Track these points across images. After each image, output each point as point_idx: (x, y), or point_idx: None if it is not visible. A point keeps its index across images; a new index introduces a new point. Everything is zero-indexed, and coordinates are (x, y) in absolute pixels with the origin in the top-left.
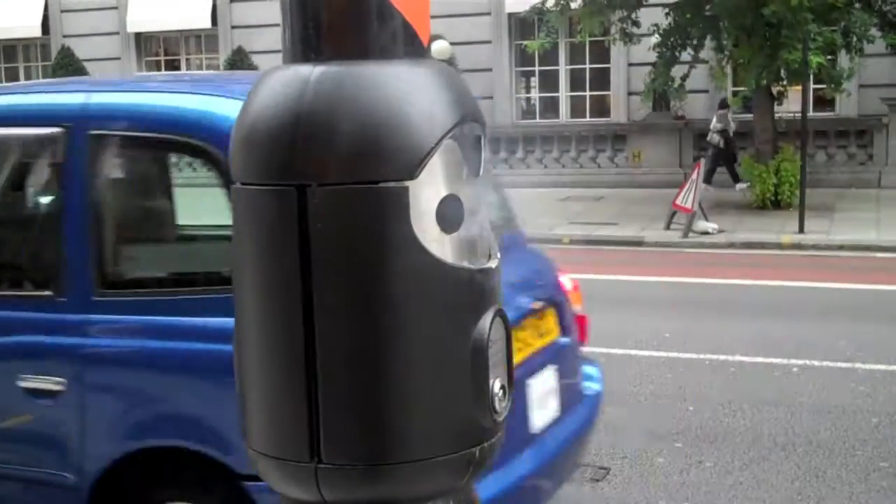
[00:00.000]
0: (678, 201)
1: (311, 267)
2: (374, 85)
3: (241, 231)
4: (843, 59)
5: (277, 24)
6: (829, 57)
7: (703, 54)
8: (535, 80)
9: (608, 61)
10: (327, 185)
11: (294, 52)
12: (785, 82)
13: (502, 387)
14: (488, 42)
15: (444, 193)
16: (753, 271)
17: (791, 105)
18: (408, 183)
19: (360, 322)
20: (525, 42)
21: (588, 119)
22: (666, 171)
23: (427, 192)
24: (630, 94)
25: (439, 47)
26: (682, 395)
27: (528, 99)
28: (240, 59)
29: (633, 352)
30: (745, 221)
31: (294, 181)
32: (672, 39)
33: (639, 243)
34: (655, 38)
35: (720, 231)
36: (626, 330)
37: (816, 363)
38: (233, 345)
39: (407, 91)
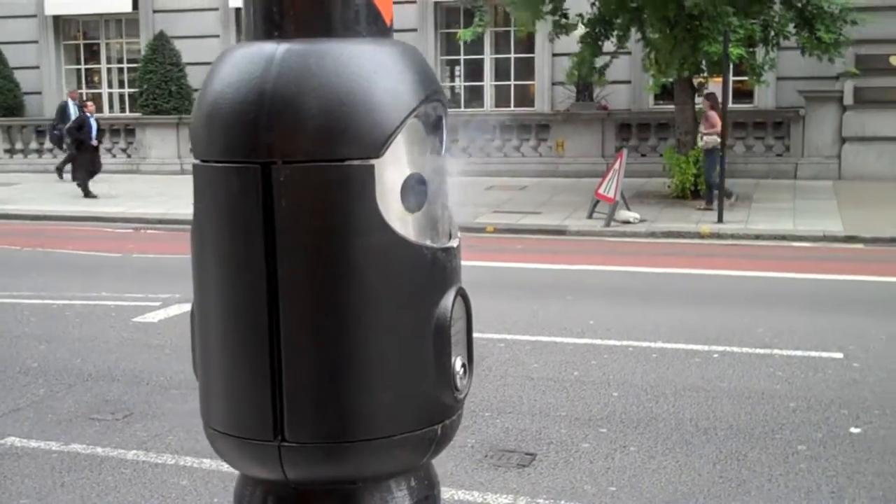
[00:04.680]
0: (601, 191)
1: (276, 244)
2: (339, 63)
3: (203, 208)
4: (761, 53)
5: (200, 9)
6: (749, 49)
7: (627, 46)
8: (459, 69)
9: (533, 51)
10: (293, 163)
11: (256, 30)
12: (706, 74)
13: (463, 364)
14: (414, 30)
15: (408, 172)
16: (674, 260)
17: None
18: (373, 161)
19: (325, 299)
20: (458, 31)
21: (512, 108)
22: (589, 160)
23: (391, 170)
24: (554, 83)
25: None
26: (607, 381)
27: (453, 88)
28: (161, 45)
29: (557, 339)
30: (665, 211)
31: (259, 159)
32: (597, 30)
33: (562, 232)
34: (580, 29)
35: (641, 220)
36: (551, 317)
37: (736, 349)
38: (191, 323)
39: (372, 70)
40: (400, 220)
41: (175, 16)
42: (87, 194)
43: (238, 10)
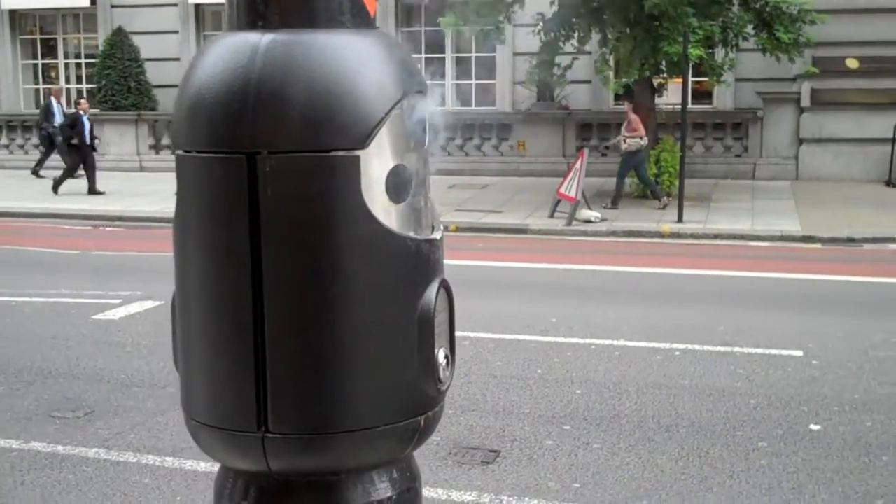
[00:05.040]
0: (562, 190)
1: (261, 235)
2: (325, 54)
3: (187, 198)
4: (720, 54)
5: (159, 5)
6: (708, 50)
7: (587, 46)
8: (421, 67)
9: (494, 50)
10: (278, 153)
11: (240, 20)
12: (665, 74)
13: (446, 356)
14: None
15: (392, 163)
16: (635, 259)
17: (671, 97)
18: (358, 152)
19: (310, 290)
20: (439, 20)
21: (474, 108)
22: (550, 160)
23: (376, 161)
24: (515, 83)
25: None
26: (570, 378)
27: None
28: (119, 40)
29: (520, 337)
30: (626, 210)
31: (244, 149)
32: (560, 31)
33: (524, 231)
34: (540, 29)
35: (602, 219)
36: (514, 315)
37: (697, 347)
38: (172, 315)
39: (358, 61)
40: (384, 211)
41: (133, 11)
42: (55, 189)
43: (198, 5)
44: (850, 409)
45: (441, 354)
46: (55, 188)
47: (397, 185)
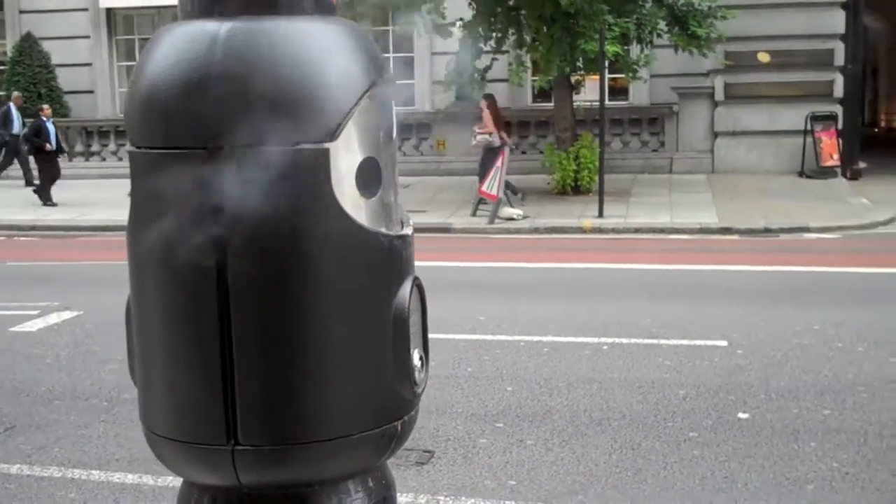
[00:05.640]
0: (484, 188)
1: (225, 235)
2: (288, 42)
3: (143, 199)
4: (635, 50)
5: (69, 10)
6: (624, 47)
7: (504, 46)
8: None
9: (412, 50)
10: (241, 148)
11: (193, 7)
12: (582, 71)
13: (420, 357)
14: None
15: (362, 156)
16: (558, 255)
17: (587, 94)
18: (327, 145)
19: (279, 293)
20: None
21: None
22: (471, 158)
23: (346, 154)
24: (434, 82)
25: None
26: (500, 376)
27: None
28: (29, 46)
29: (449, 336)
30: (547, 207)
31: (206, 144)
32: (477, 31)
33: (447, 230)
34: (459, 31)
35: (524, 217)
36: (442, 314)
37: (625, 340)
38: (127, 326)
39: (323, 49)
40: (355, 206)
41: (43, 16)
42: (46, 202)
43: (109, 10)
44: (777, 396)
45: (416, 356)
46: (44, 201)
47: (368, 179)
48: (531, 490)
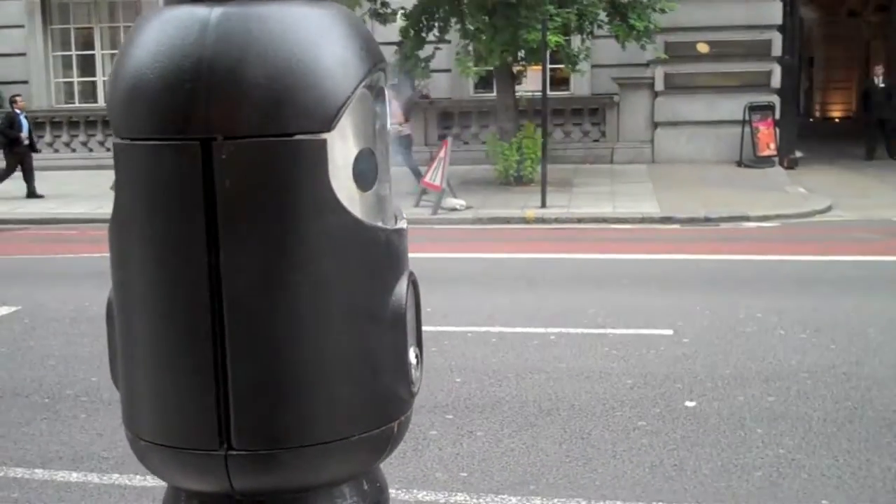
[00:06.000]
0: (427, 179)
1: (218, 230)
2: (284, 28)
3: (129, 192)
4: (576, 41)
5: None
6: (565, 38)
7: (448, 35)
8: None
9: None
10: (236, 139)
11: None
12: (524, 62)
13: (416, 355)
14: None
15: (359, 147)
16: (502, 245)
17: (529, 84)
18: (325, 135)
19: (275, 290)
20: None
21: None
22: (413, 149)
23: (343, 145)
24: None
25: None
26: (449, 367)
27: None
28: None
29: None
30: (490, 197)
31: (198, 135)
32: (421, 21)
33: None
34: (402, 21)
35: (468, 207)
36: None
37: (571, 330)
38: (108, 327)
39: (319, 35)
40: (351, 200)
41: None
42: (32, 194)
43: None
44: (723, 384)
45: (412, 353)
46: (31, 193)
47: (365, 172)
48: (483, 481)
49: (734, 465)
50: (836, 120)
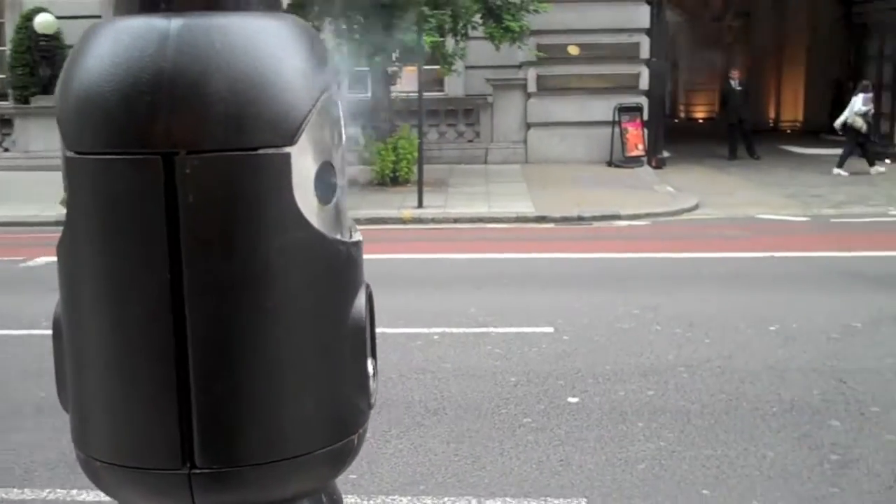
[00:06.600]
0: None
1: (181, 246)
2: (245, 40)
3: (84, 208)
4: (451, 43)
5: None
6: (440, 39)
7: (321, 35)
8: None
9: None
10: (200, 153)
11: (132, 2)
12: (399, 63)
13: (373, 367)
14: (99, 17)
15: (320, 160)
16: (379, 246)
17: (405, 85)
18: (288, 149)
19: (239, 307)
20: None
21: None
22: None
23: (305, 159)
24: None
25: (44, 21)
26: None
27: None
28: None
29: None
30: (367, 198)
31: (160, 148)
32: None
33: None
34: None
35: None
36: None
37: (454, 330)
38: (55, 346)
39: (280, 47)
40: (313, 213)
41: None
42: None
43: None
44: (604, 380)
45: (370, 365)
46: None
47: (325, 185)
48: (372, 483)
49: (618, 459)
50: (700, 121)
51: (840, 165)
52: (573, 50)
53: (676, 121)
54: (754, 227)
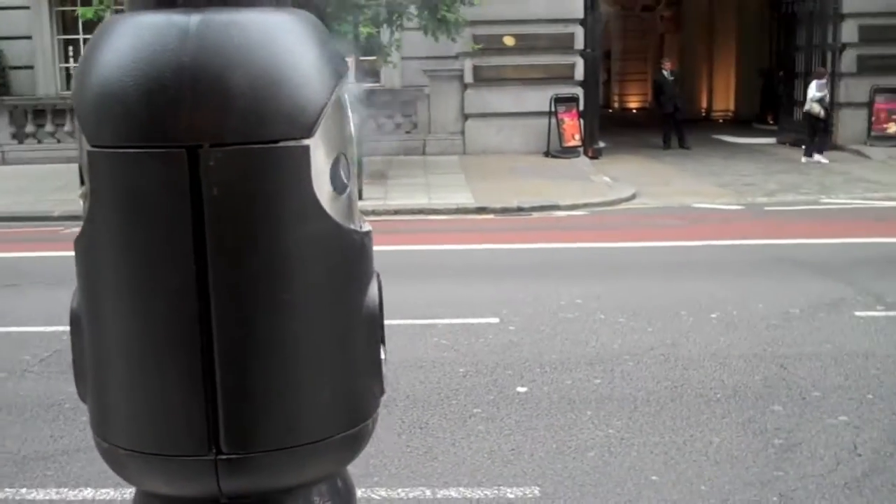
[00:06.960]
0: None
1: (206, 238)
2: (263, 35)
3: (107, 201)
4: (386, 34)
5: None
6: (375, 30)
7: None
8: (78, 49)
9: None
10: (222, 146)
11: None
12: None
13: (384, 353)
14: (27, 8)
15: (336, 152)
16: None
17: None
18: (307, 141)
19: (263, 296)
20: (76, 9)
21: None
22: None
23: (322, 151)
24: None
25: None
26: None
27: (68, 69)
28: None
29: None
30: None
31: (184, 142)
32: None
33: None
34: None
35: None
36: None
37: (401, 321)
38: (74, 337)
39: (296, 42)
40: (331, 204)
41: None
42: None
43: None
44: (551, 369)
45: (382, 352)
46: None
47: (340, 175)
48: None
49: (568, 447)
50: (634, 111)
51: (808, 154)
52: (509, 41)
53: (611, 111)
54: (691, 215)
